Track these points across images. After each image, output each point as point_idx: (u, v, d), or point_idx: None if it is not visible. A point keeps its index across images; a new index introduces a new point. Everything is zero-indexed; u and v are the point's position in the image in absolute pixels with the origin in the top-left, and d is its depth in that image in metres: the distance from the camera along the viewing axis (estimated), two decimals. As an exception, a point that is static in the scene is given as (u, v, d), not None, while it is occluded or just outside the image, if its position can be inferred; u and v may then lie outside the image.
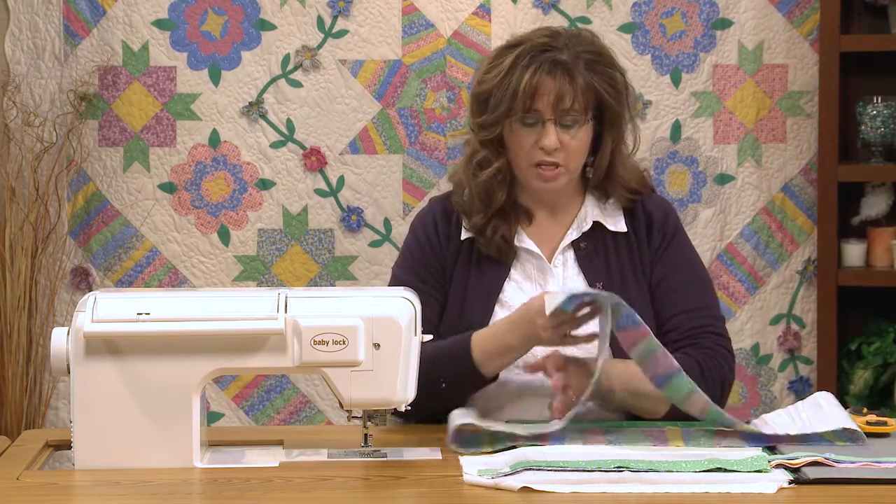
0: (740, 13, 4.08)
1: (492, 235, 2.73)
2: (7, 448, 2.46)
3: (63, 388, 4.06)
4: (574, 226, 2.76)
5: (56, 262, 4.05)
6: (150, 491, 2.18)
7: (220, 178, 4.08)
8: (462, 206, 2.77)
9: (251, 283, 4.09)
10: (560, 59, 2.66)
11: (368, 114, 4.08)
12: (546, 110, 2.65)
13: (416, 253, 2.79)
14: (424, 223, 2.81)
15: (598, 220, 2.76)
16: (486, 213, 2.74)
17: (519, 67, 2.66)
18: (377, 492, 2.20)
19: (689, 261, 2.78)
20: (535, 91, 2.65)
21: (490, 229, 2.74)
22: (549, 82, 2.65)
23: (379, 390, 2.32)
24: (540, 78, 2.65)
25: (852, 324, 4.09)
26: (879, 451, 2.34)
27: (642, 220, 2.78)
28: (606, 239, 2.76)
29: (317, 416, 4.11)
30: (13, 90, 4.03)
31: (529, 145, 2.68)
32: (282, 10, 4.06)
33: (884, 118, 3.98)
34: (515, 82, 2.65)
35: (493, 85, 2.68)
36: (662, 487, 2.15)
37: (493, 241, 2.73)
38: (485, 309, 2.71)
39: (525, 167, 2.70)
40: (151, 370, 2.29)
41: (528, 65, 2.65)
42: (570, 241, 2.75)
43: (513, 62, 2.67)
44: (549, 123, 2.66)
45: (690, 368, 2.55)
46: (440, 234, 2.78)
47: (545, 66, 2.65)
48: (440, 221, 2.79)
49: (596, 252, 2.75)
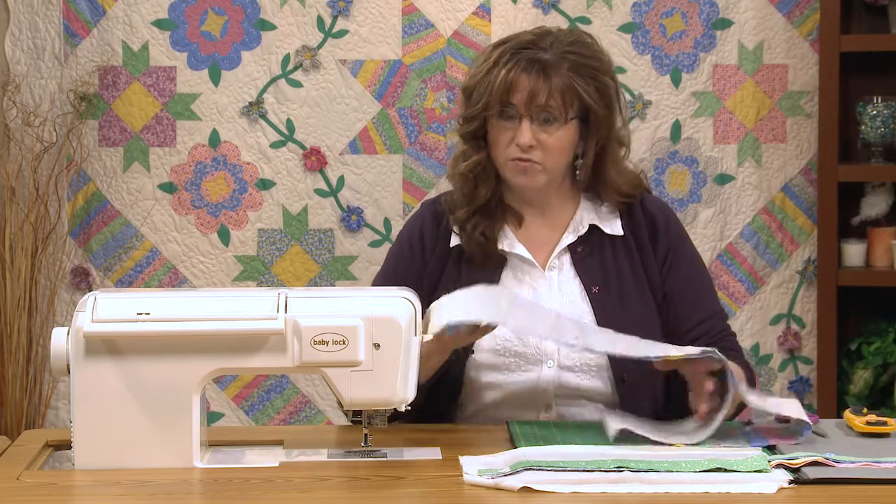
0: (740, 13, 4.08)
1: (472, 231, 2.72)
2: (7, 448, 2.46)
3: (63, 388, 4.06)
4: (570, 229, 2.75)
5: (56, 262, 4.05)
6: (150, 491, 2.18)
7: (220, 178, 4.08)
8: (448, 203, 2.78)
9: (251, 283, 4.09)
10: (539, 58, 2.67)
11: (368, 114, 4.08)
12: (521, 106, 2.67)
13: (398, 266, 2.78)
14: (411, 231, 2.81)
15: (594, 224, 2.76)
16: (468, 207, 2.74)
17: (500, 64, 2.68)
18: (377, 492, 2.20)
19: (697, 265, 2.80)
20: (511, 87, 2.67)
21: (471, 225, 2.73)
22: (523, 79, 2.67)
23: (379, 390, 2.32)
24: (515, 74, 2.67)
25: (852, 324, 4.09)
26: (879, 451, 2.34)
27: (642, 222, 2.77)
28: (603, 242, 2.75)
29: (317, 416, 4.12)
30: (13, 90, 4.03)
31: (507, 141, 2.69)
32: (282, 10, 4.06)
33: (884, 118, 3.98)
34: (493, 78, 2.68)
35: (477, 81, 2.71)
36: (662, 487, 2.15)
37: (472, 237, 2.72)
38: None
39: (503, 161, 2.71)
40: (151, 370, 2.29)
41: (508, 61, 2.68)
42: (566, 244, 2.75)
43: (496, 59, 2.69)
44: (524, 120, 2.67)
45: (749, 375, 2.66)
46: (426, 241, 2.77)
47: (522, 63, 2.67)
48: (428, 227, 2.78)
49: (592, 255, 2.74)
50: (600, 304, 2.69)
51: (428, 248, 2.76)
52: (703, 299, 2.75)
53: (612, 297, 2.70)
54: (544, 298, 2.69)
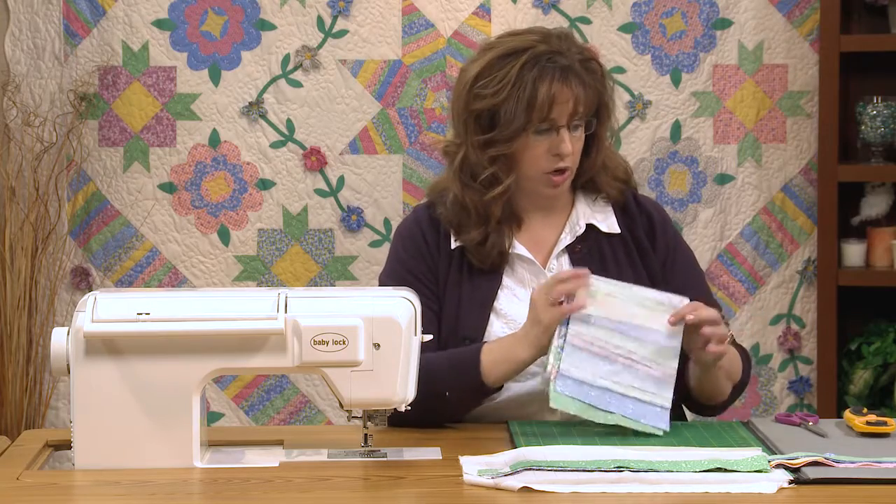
0: (740, 13, 4.08)
1: (490, 250, 2.70)
2: (7, 448, 2.46)
3: (63, 388, 4.06)
4: (567, 229, 2.75)
5: (56, 262, 4.05)
6: (150, 491, 2.18)
7: (220, 178, 4.08)
8: (450, 221, 2.73)
9: (251, 283, 4.09)
10: (567, 65, 2.64)
11: (368, 114, 4.08)
12: (561, 118, 2.64)
13: (407, 262, 2.74)
14: (412, 232, 2.76)
15: (590, 223, 2.75)
16: (484, 228, 2.70)
17: (530, 79, 2.62)
18: (377, 492, 2.20)
19: (694, 265, 2.82)
20: (554, 101, 2.62)
21: (489, 244, 2.70)
22: (565, 91, 2.63)
23: (379, 390, 2.32)
24: (556, 87, 2.62)
25: (852, 324, 4.09)
26: (879, 451, 2.34)
27: (639, 220, 2.77)
28: (601, 240, 2.75)
29: (317, 416, 4.12)
30: (13, 90, 4.03)
31: (542, 153, 2.66)
32: (282, 10, 4.06)
33: (884, 118, 3.98)
34: (530, 94, 2.61)
35: (502, 99, 2.63)
36: (662, 487, 2.16)
37: (489, 256, 2.71)
38: (480, 319, 2.68)
39: (537, 175, 2.68)
40: (151, 370, 2.29)
41: (540, 75, 2.62)
42: (565, 245, 2.74)
43: (518, 73, 2.63)
44: (562, 130, 2.64)
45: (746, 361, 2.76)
46: (429, 243, 2.74)
47: (557, 75, 2.63)
48: (428, 230, 2.75)
49: (591, 255, 2.74)
50: None
51: (432, 249, 2.74)
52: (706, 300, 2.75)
53: None
54: None
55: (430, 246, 2.74)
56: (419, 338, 2.35)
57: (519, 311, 2.67)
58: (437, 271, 2.73)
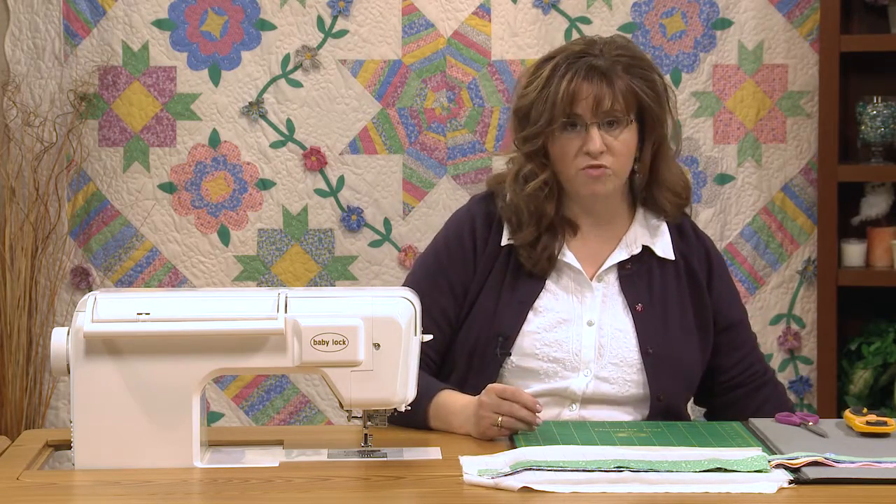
0: (740, 13, 4.08)
1: (541, 252, 2.71)
2: (7, 448, 2.46)
3: (63, 388, 4.06)
4: (622, 245, 2.74)
5: (56, 262, 4.05)
6: (150, 491, 2.18)
7: (220, 178, 4.08)
8: (507, 216, 2.74)
9: (251, 283, 4.09)
10: (596, 64, 2.66)
11: (368, 114, 4.08)
12: (587, 114, 2.65)
13: (444, 259, 2.75)
14: (461, 225, 2.77)
15: (646, 245, 2.75)
16: (537, 227, 2.71)
17: (557, 77, 2.66)
18: (377, 492, 2.20)
19: (742, 311, 2.84)
20: (574, 97, 2.65)
21: (540, 246, 2.71)
22: (586, 86, 2.65)
23: (379, 390, 2.32)
24: (577, 83, 2.65)
25: (852, 324, 4.09)
26: (879, 451, 2.34)
27: (696, 249, 2.79)
28: (653, 264, 2.75)
29: (317, 416, 4.12)
30: (13, 90, 4.03)
31: (574, 151, 2.66)
32: (282, 10, 4.06)
33: (884, 118, 3.98)
34: (553, 91, 2.65)
35: (534, 98, 2.68)
36: (662, 487, 2.16)
37: (540, 259, 2.71)
38: (517, 316, 2.69)
39: (573, 174, 2.68)
40: (151, 370, 2.29)
41: (566, 73, 2.66)
42: (616, 261, 2.73)
43: (550, 72, 2.67)
44: (591, 127, 2.65)
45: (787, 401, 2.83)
46: (478, 239, 2.75)
47: (581, 72, 2.65)
48: (480, 225, 2.76)
49: (640, 276, 2.73)
50: (643, 321, 2.70)
51: (479, 245, 2.75)
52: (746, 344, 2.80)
53: (655, 315, 2.70)
54: (588, 307, 2.70)
55: (476, 241, 2.75)
56: (419, 338, 2.35)
57: (558, 307, 2.69)
58: (475, 273, 2.74)
